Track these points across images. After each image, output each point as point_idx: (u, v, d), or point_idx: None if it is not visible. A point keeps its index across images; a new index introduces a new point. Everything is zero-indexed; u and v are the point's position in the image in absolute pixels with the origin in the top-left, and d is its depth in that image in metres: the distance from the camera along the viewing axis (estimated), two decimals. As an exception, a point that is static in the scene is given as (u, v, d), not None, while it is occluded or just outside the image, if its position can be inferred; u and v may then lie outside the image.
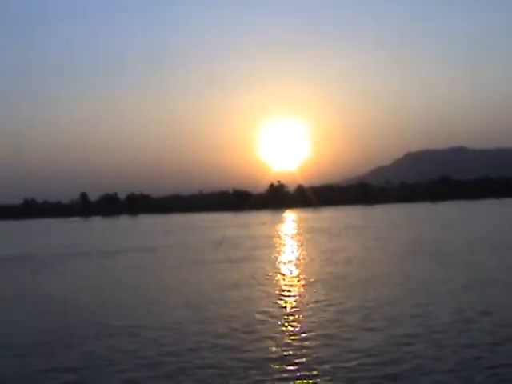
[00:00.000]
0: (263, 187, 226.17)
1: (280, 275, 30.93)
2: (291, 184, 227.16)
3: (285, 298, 23.67)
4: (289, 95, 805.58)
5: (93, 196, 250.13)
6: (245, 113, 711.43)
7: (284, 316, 20.16)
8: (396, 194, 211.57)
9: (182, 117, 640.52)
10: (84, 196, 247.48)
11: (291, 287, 26.71)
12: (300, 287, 26.68)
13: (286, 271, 32.59)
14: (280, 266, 35.06)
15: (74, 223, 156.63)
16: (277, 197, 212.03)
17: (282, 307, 21.85)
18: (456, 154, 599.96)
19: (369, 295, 23.31)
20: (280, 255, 42.19)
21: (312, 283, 27.26)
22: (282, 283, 28.05)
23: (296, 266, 34.82)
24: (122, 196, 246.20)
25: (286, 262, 37.14)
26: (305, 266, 34.54)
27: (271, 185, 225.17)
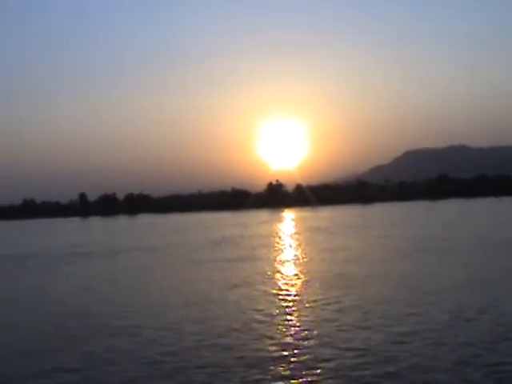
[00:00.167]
0: (262, 186, 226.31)
1: (279, 274, 31.00)
2: (290, 183, 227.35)
3: (284, 297, 23.72)
4: (287, 94, 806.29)
5: (92, 196, 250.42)
6: (243, 112, 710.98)
7: (282, 315, 20.21)
8: (395, 193, 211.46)
9: (181, 116, 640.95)
10: (83, 196, 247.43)
11: (290, 286, 26.77)
12: (299, 286, 26.74)
13: (285, 270, 32.65)
14: (279, 265, 35.13)
15: (73, 223, 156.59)
16: (275, 196, 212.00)
17: (281, 306, 21.90)
18: (455, 153, 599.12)
19: (367, 293, 23.38)
20: (279, 254, 42.25)
21: (311, 282, 27.33)
22: (281, 282, 28.10)
23: (295, 265, 34.89)
24: (121, 196, 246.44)
25: (285, 261, 37.21)
26: (304, 265, 34.60)
27: (270, 184, 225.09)
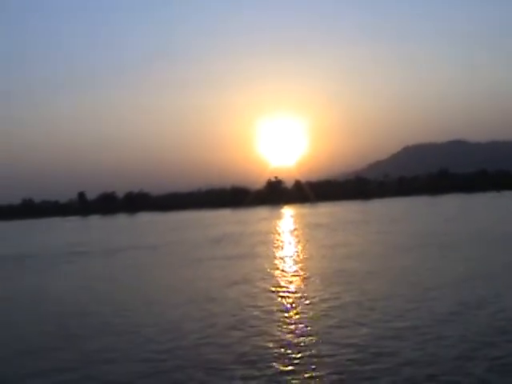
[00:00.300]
0: (261, 183, 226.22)
1: (279, 271, 30.96)
2: (289, 180, 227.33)
3: (284, 294, 23.69)
4: (286, 92, 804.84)
5: (91, 195, 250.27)
6: (243, 110, 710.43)
7: (282, 312, 20.19)
8: (394, 188, 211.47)
9: (181, 115, 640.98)
10: (82, 195, 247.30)
11: (290, 283, 26.74)
12: (299, 283, 26.70)
13: (285, 267, 32.62)
14: (279, 262, 35.10)
15: (73, 222, 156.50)
16: (275, 193, 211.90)
17: (281, 303, 21.87)
18: (455, 147, 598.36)
19: (368, 289, 23.33)
20: (279, 251, 42.22)
21: (311, 278, 27.29)
22: (281, 279, 28.06)
23: (295, 262, 34.86)
24: (121, 194, 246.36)
25: (285, 258, 37.17)
26: (303, 262, 34.58)
27: (269, 181, 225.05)
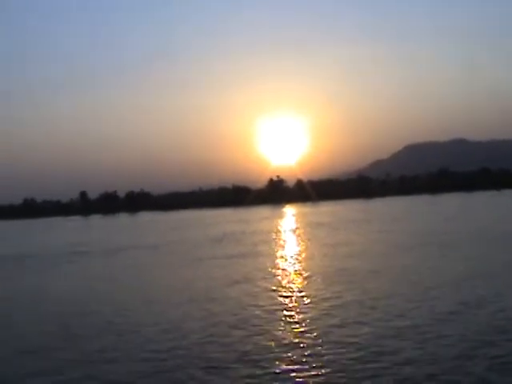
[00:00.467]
0: (262, 182, 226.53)
1: (280, 270, 30.90)
2: (290, 179, 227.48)
3: (285, 293, 23.65)
4: (287, 91, 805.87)
5: (92, 194, 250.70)
6: (244, 110, 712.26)
7: (284, 311, 20.15)
8: (396, 187, 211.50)
9: (182, 114, 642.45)
10: (83, 194, 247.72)
11: (292, 282, 26.68)
12: (300, 282, 26.65)
13: (287, 266, 32.56)
14: (280, 261, 35.07)
15: (74, 222, 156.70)
16: (276, 192, 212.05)
17: (283, 302, 21.82)
18: (456, 146, 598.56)
19: (369, 288, 23.28)
20: (280, 250, 42.18)
21: (313, 277, 27.24)
22: (283, 278, 28.00)
23: (296, 261, 34.80)
24: (122, 194, 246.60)
25: (287, 257, 37.11)
26: (305, 261, 34.54)
27: (270, 180, 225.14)
